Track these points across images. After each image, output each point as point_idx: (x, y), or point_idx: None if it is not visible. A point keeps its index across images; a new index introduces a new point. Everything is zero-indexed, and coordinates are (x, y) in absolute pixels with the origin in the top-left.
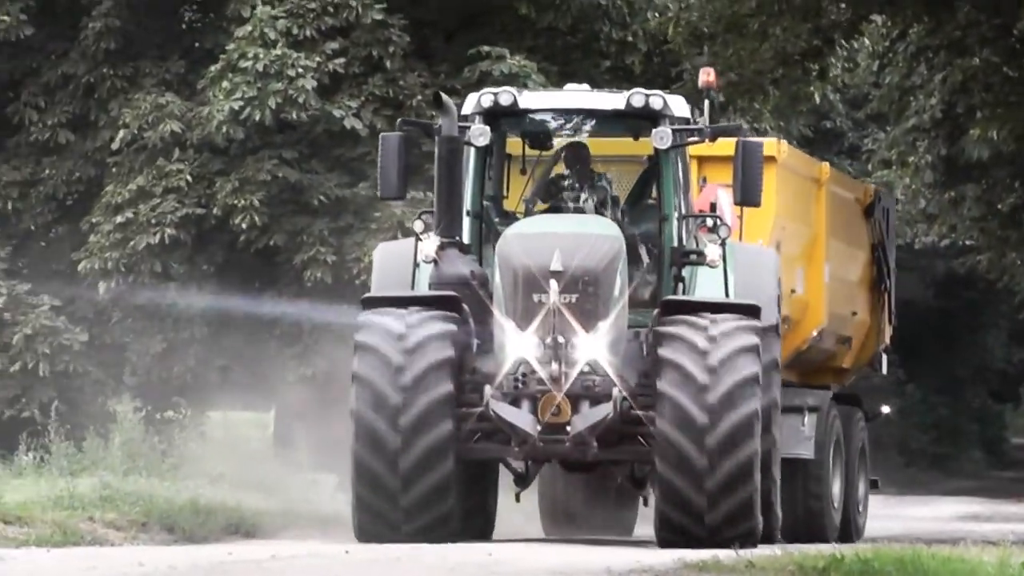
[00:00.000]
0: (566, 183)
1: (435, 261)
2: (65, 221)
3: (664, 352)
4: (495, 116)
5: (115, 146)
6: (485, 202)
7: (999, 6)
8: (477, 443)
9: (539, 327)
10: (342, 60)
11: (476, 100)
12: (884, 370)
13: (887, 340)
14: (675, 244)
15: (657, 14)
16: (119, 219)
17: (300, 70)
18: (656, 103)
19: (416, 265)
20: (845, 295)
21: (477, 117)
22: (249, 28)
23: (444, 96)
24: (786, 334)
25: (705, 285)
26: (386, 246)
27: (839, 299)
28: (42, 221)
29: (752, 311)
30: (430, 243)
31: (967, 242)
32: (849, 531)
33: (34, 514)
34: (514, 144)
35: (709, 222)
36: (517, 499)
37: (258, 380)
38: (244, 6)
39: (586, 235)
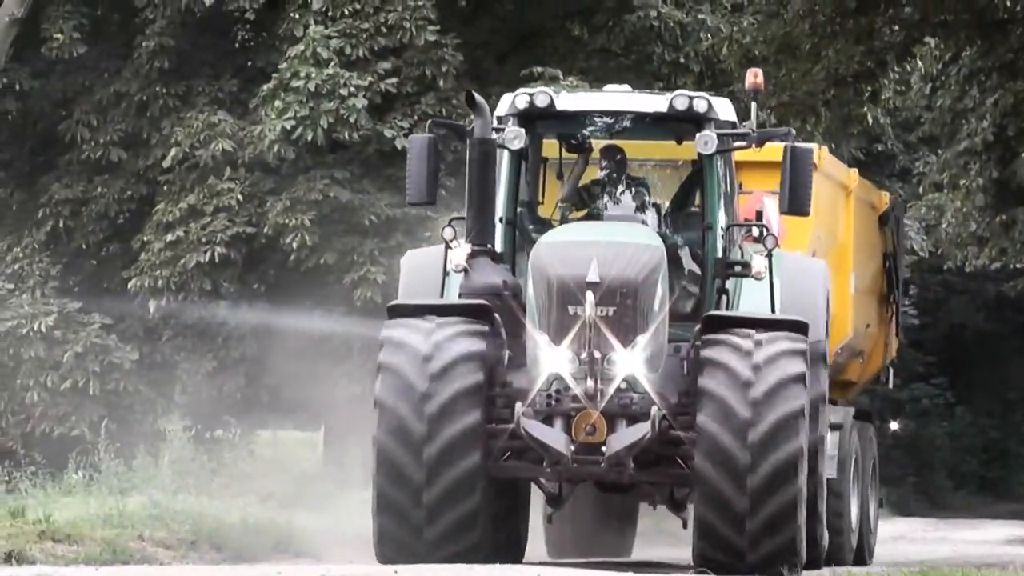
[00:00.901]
0: (604, 189)
1: (465, 270)
2: (116, 239)
3: (705, 382)
4: (531, 118)
5: (166, 164)
6: (519, 208)
7: None
8: (508, 462)
9: (574, 341)
10: (394, 80)
11: (511, 101)
12: (891, 384)
13: (894, 353)
14: (719, 255)
15: (710, 36)
16: (170, 237)
17: (352, 89)
18: (701, 106)
19: (446, 274)
20: (865, 307)
21: (512, 119)
22: (301, 47)
23: (477, 96)
24: None
25: (750, 298)
26: (415, 253)
27: (861, 311)
28: (93, 239)
29: (799, 328)
30: (460, 251)
31: (1017, 265)
32: (863, 552)
33: (83, 532)
34: (550, 147)
35: (755, 231)
36: (549, 520)
37: (308, 399)
38: (297, 26)
39: (624, 244)
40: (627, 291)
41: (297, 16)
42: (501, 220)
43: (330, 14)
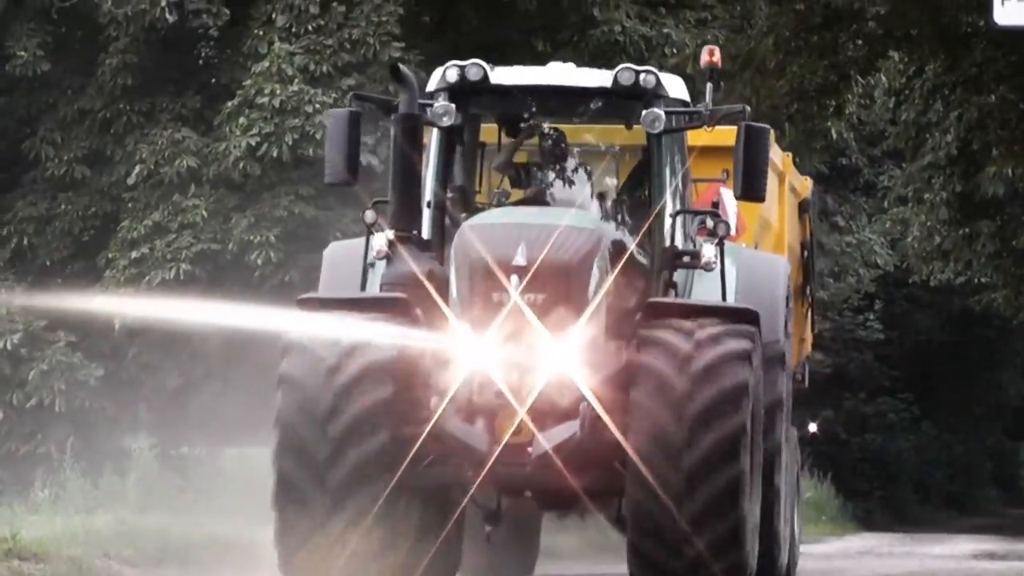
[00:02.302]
0: (541, 172)
1: (388, 257)
2: (81, 257)
3: (640, 358)
4: (463, 93)
5: (131, 181)
6: (450, 194)
7: (1015, 43)
8: (430, 469)
9: (498, 331)
10: None
11: (441, 74)
12: (806, 383)
13: (809, 349)
14: (666, 244)
15: (675, 50)
16: (135, 254)
17: (317, 106)
18: (648, 80)
19: (370, 264)
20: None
21: (442, 94)
22: (266, 64)
23: (403, 68)
24: None
25: (702, 291)
26: (338, 244)
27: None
28: (58, 256)
29: (748, 316)
30: (382, 237)
31: (982, 279)
32: (790, 569)
33: (49, 550)
34: (490, 133)
35: (710, 222)
36: (488, 540)
37: (273, 415)
38: (261, 43)
39: (556, 227)
40: (558, 276)
41: (261, 33)
42: (428, 204)
43: (294, 30)
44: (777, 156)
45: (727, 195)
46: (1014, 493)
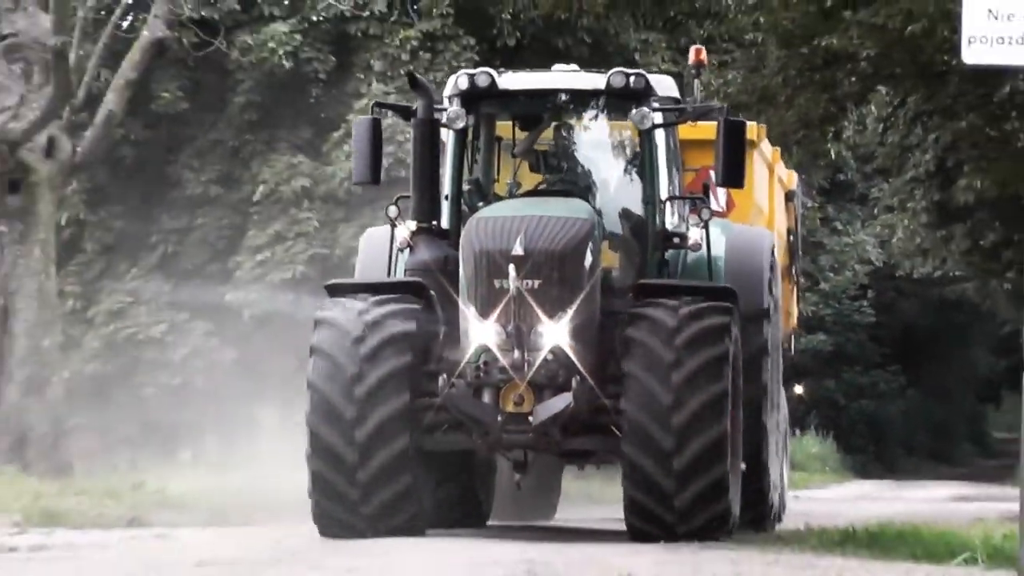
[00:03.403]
0: (548, 165)
1: (410, 247)
2: (215, 260)
3: (631, 332)
4: (473, 98)
5: (256, 198)
6: (467, 187)
7: (983, 78)
8: (442, 435)
9: (501, 314)
10: None
11: (454, 82)
12: (792, 351)
13: (795, 323)
14: (658, 227)
15: (701, 88)
16: (259, 258)
17: (407, 136)
18: (638, 83)
19: (400, 251)
20: None
21: (455, 99)
22: (365, 101)
23: (419, 77)
24: None
25: (691, 270)
26: (373, 232)
27: None
28: (196, 261)
29: (727, 294)
30: (404, 228)
31: (956, 273)
32: (780, 508)
33: (191, 502)
34: (506, 128)
35: (699, 206)
36: (518, 487)
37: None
38: (362, 84)
39: (551, 218)
40: (552, 263)
41: (361, 76)
42: (447, 197)
43: (389, 74)
44: (768, 150)
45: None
46: (984, 447)
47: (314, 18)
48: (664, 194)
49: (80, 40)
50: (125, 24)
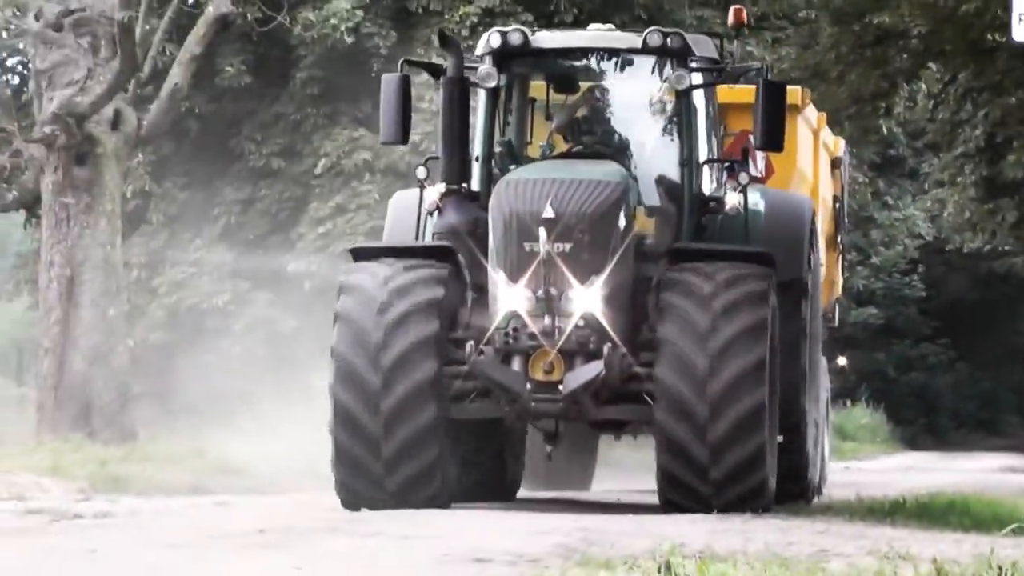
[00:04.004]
0: (582, 127)
1: (439, 209)
2: (278, 232)
3: (666, 297)
4: (505, 57)
5: (318, 171)
6: (499, 148)
7: None
8: (471, 403)
9: (531, 279)
10: None
11: (486, 40)
12: (836, 322)
13: (839, 291)
14: (695, 192)
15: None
16: (321, 230)
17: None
18: (675, 42)
19: (429, 214)
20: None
21: (487, 58)
22: (426, 76)
23: (450, 34)
24: None
25: (728, 235)
26: (402, 194)
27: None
28: (259, 232)
29: (765, 259)
30: (434, 190)
31: (1005, 247)
32: (821, 481)
33: (250, 468)
34: (539, 89)
35: (736, 170)
36: (549, 458)
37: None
38: (422, 59)
39: (582, 181)
40: (583, 227)
41: (422, 51)
42: (477, 159)
43: None
44: (813, 115)
45: None
46: None
47: None
48: (702, 158)
49: (146, 14)
50: (190, 0)
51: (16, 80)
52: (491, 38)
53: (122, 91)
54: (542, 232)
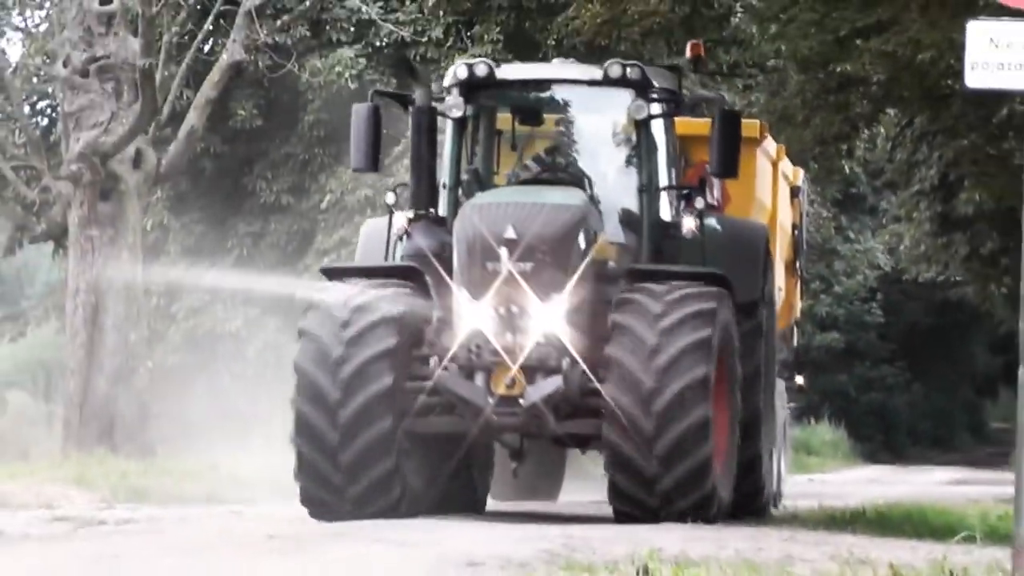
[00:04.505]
0: (546, 157)
1: (408, 233)
2: (286, 263)
3: (617, 316)
4: (472, 88)
5: (323, 207)
6: (466, 176)
7: (982, 101)
8: (433, 417)
9: (493, 297)
10: None
11: (453, 72)
12: (795, 342)
13: (798, 314)
14: (653, 217)
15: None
16: (326, 261)
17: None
18: (635, 74)
19: (399, 238)
20: (778, 273)
21: (454, 89)
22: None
23: (417, 66)
24: None
25: (686, 259)
26: (373, 221)
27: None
28: (268, 263)
29: (719, 280)
30: (402, 216)
31: (957, 278)
32: (777, 495)
33: (259, 480)
34: (505, 120)
35: (692, 196)
36: (515, 475)
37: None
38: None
39: (543, 204)
40: (544, 248)
41: None
42: (444, 186)
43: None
44: (772, 147)
45: None
46: (982, 436)
47: (377, 43)
48: (661, 185)
49: (165, 62)
50: (206, 48)
51: (45, 122)
52: (458, 70)
53: (143, 132)
54: (504, 252)
